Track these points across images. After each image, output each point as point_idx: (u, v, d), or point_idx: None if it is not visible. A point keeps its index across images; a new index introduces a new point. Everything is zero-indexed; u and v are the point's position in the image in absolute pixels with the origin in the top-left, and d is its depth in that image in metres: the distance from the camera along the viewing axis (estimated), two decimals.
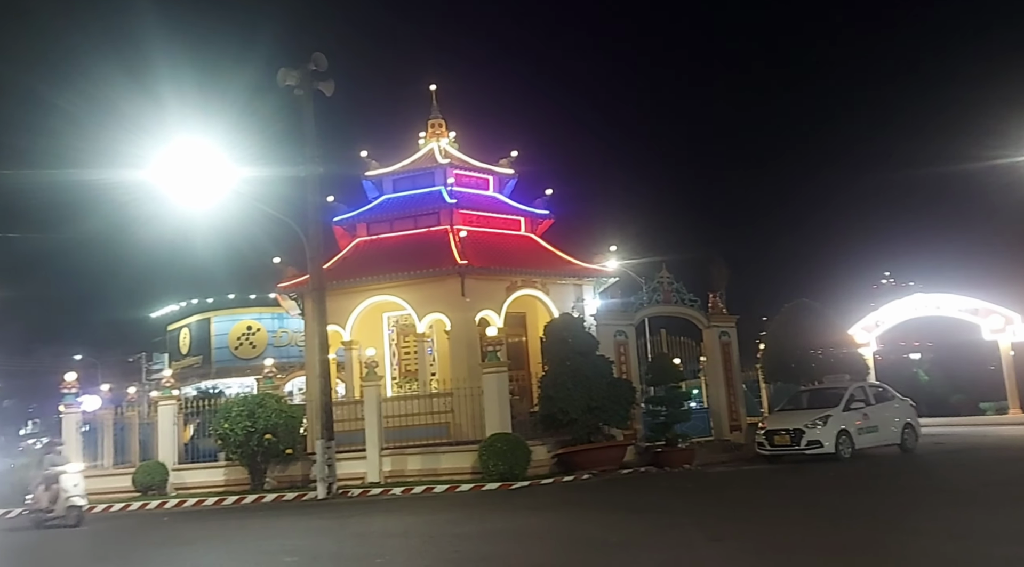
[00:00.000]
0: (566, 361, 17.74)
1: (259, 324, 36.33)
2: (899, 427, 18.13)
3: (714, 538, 9.04)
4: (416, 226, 21.31)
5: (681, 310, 21.98)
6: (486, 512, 12.56)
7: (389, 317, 21.28)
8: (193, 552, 10.79)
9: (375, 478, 17.01)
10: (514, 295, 20.17)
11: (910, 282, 36.86)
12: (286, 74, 17.26)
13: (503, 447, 16.08)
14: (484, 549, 9.32)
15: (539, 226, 22.89)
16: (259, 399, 17.85)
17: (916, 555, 7.51)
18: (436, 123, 23.35)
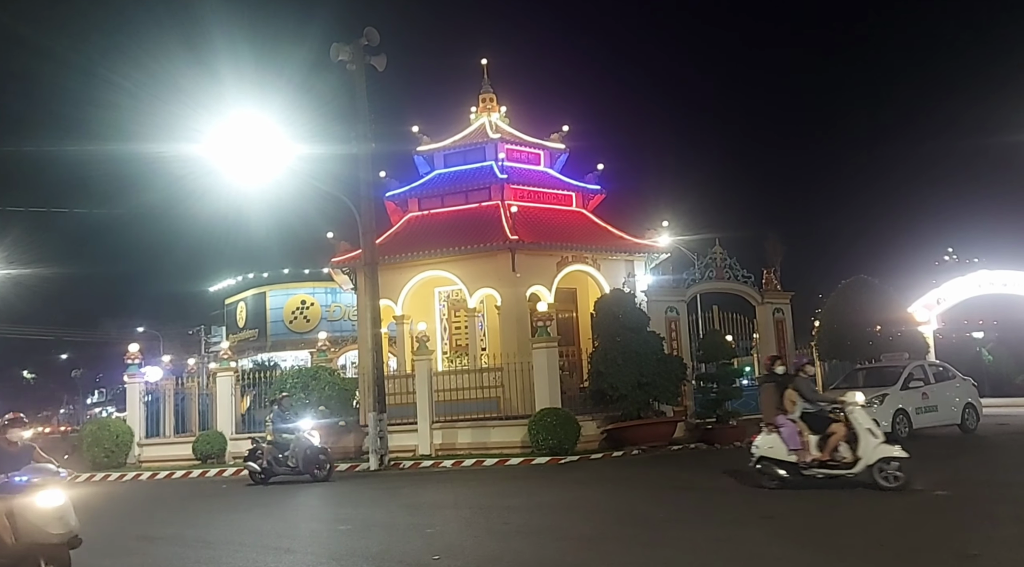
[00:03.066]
0: (616, 337, 17.66)
1: (313, 298, 37.09)
2: (959, 407, 17.60)
3: (765, 516, 8.97)
4: (467, 201, 21.37)
5: (734, 286, 21.64)
6: (535, 485, 12.68)
7: (440, 292, 21.46)
8: (252, 518, 11.17)
9: (426, 451, 17.30)
10: (565, 271, 20.12)
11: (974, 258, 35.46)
12: (339, 49, 17.38)
13: (553, 422, 16.15)
14: (533, 521, 9.42)
15: (590, 201, 22.74)
16: (313, 372, 18.25)
17: (975, 537, 7.33)
18: (487, 97, 23.28)
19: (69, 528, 6.84)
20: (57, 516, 6.75)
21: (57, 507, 6.78)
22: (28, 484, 6.88)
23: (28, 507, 6.72)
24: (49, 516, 6.72)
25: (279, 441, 14.86)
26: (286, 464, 14.68)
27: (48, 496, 6.82)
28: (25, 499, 6.78)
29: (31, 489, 6.87)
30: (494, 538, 8.59)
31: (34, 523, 6.67)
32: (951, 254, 42.75)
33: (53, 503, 6.79)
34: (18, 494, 6.82)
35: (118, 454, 19.42)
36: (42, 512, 6.72)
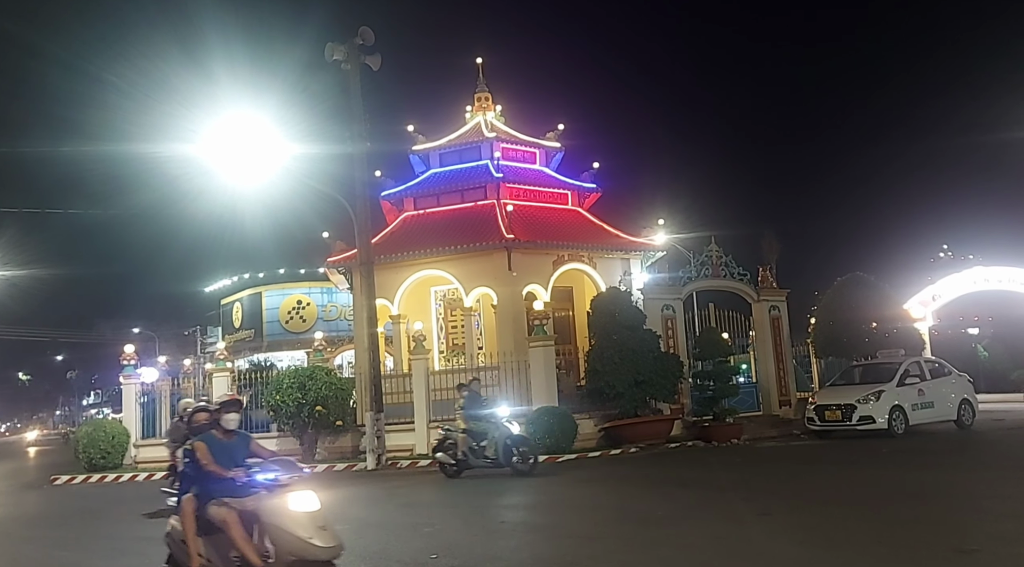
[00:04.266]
0: (613, 335, 17.66)
1: (309, 298, 37.04)
2: (955, 403, 17.67)
3: (762, 512, 8.97)
4: (463, 200, 21.35)
5: (730, 284, 21.66)
6: (534, 484, 12.65)
7: (436, 291, 21.44)
8: None
9: (423, 450, 17.27)
10: (561, 269, 20.12)
11: (969, 255, 35.56)
12: (333, 49, 17.34)
13: (550, 420, 16.15)
14: (531, 519, 9.42)
15: (586, 199, 22.73)
16: (309, 372, 18.22)
17: (972, 532, 7.34)
18: (483, 96, 23.27)
19: (337, 540, 5.51)
20: (318, 524, 5.44)
21: (315, 512, 5.49)
22: (276, 484, 5.58)
23: (280, 513, 5.44)
24: (308, 524, 5.40)
25: (474, 429, 13.48)
26: (483, 455, 13.33)
27: (302, 499, 5.51)
28: (274, 503, 5.50)
29: (280, 491, 5.57)
30: (492, 536, 8.57)
31: (292, 533, 5.36)
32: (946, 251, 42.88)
33: (309, 507, 5.50)
34: (264, 498, 5.57)
35: (114, 455, 19.35)
36: (299, 519, 5.41)
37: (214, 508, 5.76)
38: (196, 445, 5.97)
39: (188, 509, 5.90)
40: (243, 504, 5.70)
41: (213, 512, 5.76)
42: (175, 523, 6.13)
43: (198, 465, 5.91)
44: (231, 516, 5.62)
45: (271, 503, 5.50)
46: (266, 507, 5.51)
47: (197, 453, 5.91)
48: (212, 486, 5.84)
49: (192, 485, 6.04)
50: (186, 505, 5.94)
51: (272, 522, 5.45)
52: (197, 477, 5.95)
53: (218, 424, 6.12)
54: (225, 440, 6.02)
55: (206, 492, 5.88)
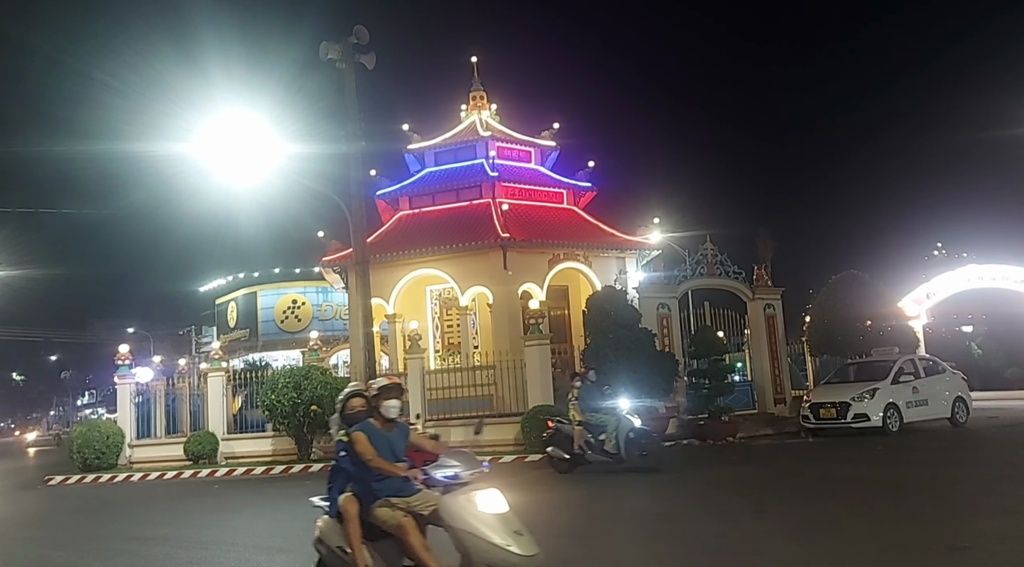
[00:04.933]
0: (608, 334, 17.67)
1: (304, 298, 36.98)
2: (949, 401, 17.71)
3: (758, 510, 8.98)
4: (458, 199, 21.35)
5: (725, 282, 21.70)
6: (530, 483, 12.66)
7: (432, 290, 21.44)
8: (244, 518, 11.12)
9: None
10: (556, 268, 20.14)
11: (963, 253, 35.67)
12: (328, 48, 17.29)
13: (545, 419, 16.12)
14: (527, 518, 9.31)
15: (581, 198, 22.76)
16: (304, 371, 18.20)
17: (966, 529, 7.37)
18: (477, 95, 23.26)
19: (537, 547, 4.75)
20: (513, 528, 4.67)
21: (506, 514, 4.76)
22: (456, 481, 4.87)
23: (468, 516, 4.69)
24: (502, 528, 4.64)
25: (591, 422, 12.78)
26: (602, 449, 12.59)
27: (490, 498, 4.79)
28: (458, 503, 4.78)
29: (461, 489, 4.85)
30: None
31: (486, 539, 4.58)
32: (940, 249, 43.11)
33: (499, 507, 4.78)
34: (444, 498, 4.87)
35: (109, 455, 19.31)
36: (491, 522, 4.65)
37: (383, 510, 5.06)
38: (354, 436, 5.18)
39: (351, 511, 5.13)
40: (409, 504, 5.04)
41: (382, 515, 5.06)
42: (325, 526, 5.43)
43: (356, 459, 5.17)
44: (407, 520, 4.90)
45: (455, 504, 4.74)
46: (450, 508, 4.74)
47: (357, 446, 5.13)
48: (375, 484, 5.14)
49: (349, 483, 5.32)
50: (347, 506, 5.17)
51: (459, 526, 4.66)
52: (357, 473, 5.22)
53: (377, 412, 5.33)
54: (384, 431, 5.26)
55: (367, 491, 5.17)
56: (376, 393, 5.34)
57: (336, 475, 5.49)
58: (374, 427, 5.27)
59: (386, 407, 5.31)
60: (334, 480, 5.51)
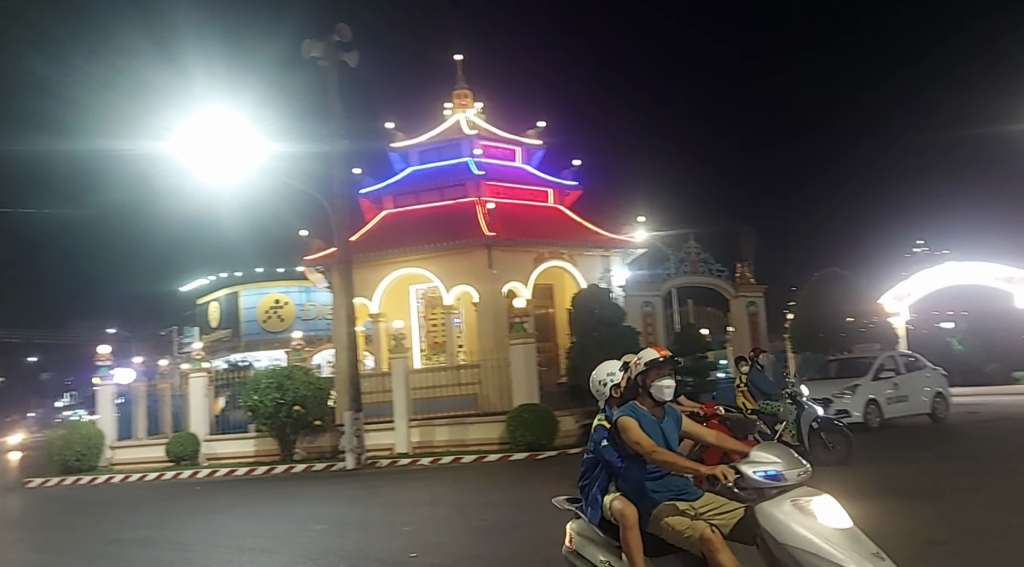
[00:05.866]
0: (593, 332, 17.71)
1: (287, 298, 36.77)
2: (930, 397, 17.87)
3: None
4: (443, 198, 21.29)
5: (709, 280, 21.82)
6: (514, 481, 12.68)
7: (416, 289, 21.38)
8: (226, 519, 11.04)
9: (403, 449, 17.22)
10: (541, 267, 20.13)
11: (944, 250, 36.05)
12: (310, 46, 17.21)
13: (530, 418, 16.16)
14: (511, 517, 9.41)
15: (567, 197, 22.76)
16: (287, 371, 18.10)
17: (945, 523, 7.44)
18: (462, 94, 23.20)
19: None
20: (871, 550, 3.59)
21: (851, 529, 3.67)
22: (779, 483, 3.74)
23: (802, 530, 3.58)
24: (856, 549, 3.55)
25: (765, 411, 11.63)
26: (780, 440, 10.96)
27: (828, 508, 3.71)
28: (784, 513, 3.65)
29: (784, 495, 3.73)
30: (472, 534, 8.56)
31: (835, 563, 3.47)
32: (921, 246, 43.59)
33: (842, 521, 3.69)
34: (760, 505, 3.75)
35: (89, 457, 19.12)
36: (839, 542, 3.54)
37: (677, 519, 4.03)
38: (622, 422, 4.21)
39: (630, 518, 4.09)
40: (697, 511, 4.08)
41: (676, 525, 3.99)
42: (582, 534, 4.46)
43: (625, 452, 4.24)
44: (715, 535, 3.83)
45: (781, 513, 3.62)
46: (774, 519, 3.62)
47: (627, 434, 4.17)
48: (650, 483, 4.20)
49: (611, 480, 4.38)
50: (625, 512, 4.12)
51: (796, 545, 3.52)
52: (626, 470, 4.25)
53: (646, 393, 4.31)
54: (654, 416, 4.29)
55: (641, 493, 4.19)
56: (644, 369, 4.29)
57: (593, 470, 4.46)
58: (643, 411, 4.28)
59: (658, 387, 4.26)
60: (589, 476, 4.48)
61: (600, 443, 4.40)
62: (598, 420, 4.52)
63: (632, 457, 4.23)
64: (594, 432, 4.50)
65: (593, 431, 4.52)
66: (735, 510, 4.03)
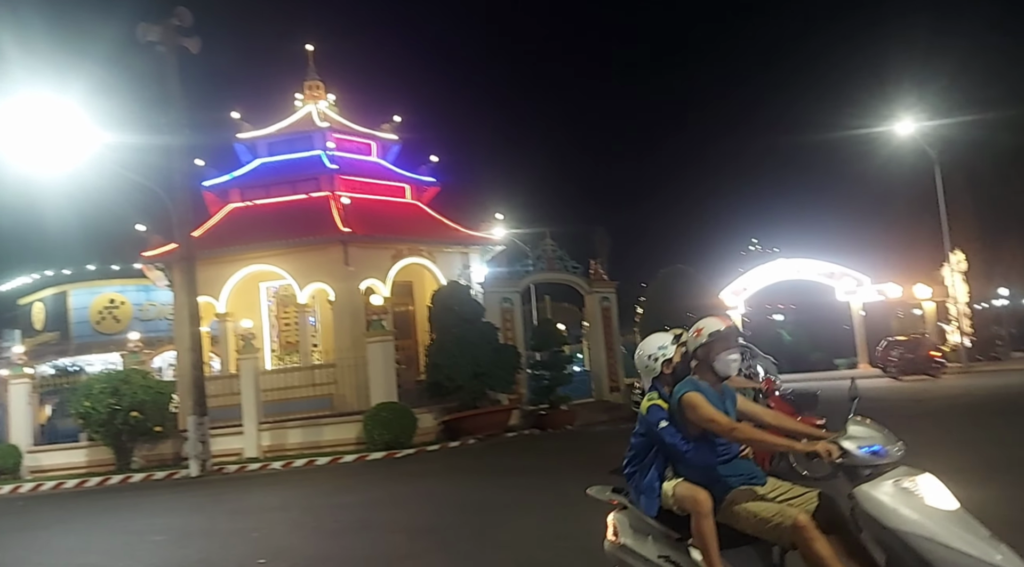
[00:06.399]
0: (452, 329, 17.74)
1: (123, 297, 34.17)
2: None
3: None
4: (294, 192, 20.57)
5: (564, 277, 22.43)
6: (370, 481, 12.46)
7: (267, 287, 20.55)
8: (51, 535, 10.10)
9: (253, 453, 16.49)
10: (400, 263, 19.90)
11: (775, 248, 38.99)
12: (147, 29, 16.10)
13: (388, 416, 15.95)
14: (366, 516, 9.24)
15: (424, 193, 22.63)
16: (124, 375, 16.86)
17: None
18: (313, 85, 22.51)
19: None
20: (982, 533, 3.17)
21: (959, 511, 3.25)
22: (881, 459, 3.37)
23: (912, 512, 3.20)
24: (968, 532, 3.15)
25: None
26: None
27: (933, 487, 3.30)
28: (888, 493, 3.27)
29: (882, 475, 3.34)
30: (325, 537, 8.32)
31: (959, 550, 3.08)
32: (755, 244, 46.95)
33: (948, 502, 3.27)
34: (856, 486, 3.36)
35: None
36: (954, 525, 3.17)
37: (760, 505, 3.62)
38: (689, 399, 3.79)
39: (704, 505, 3.65)
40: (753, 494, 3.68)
41: (761, 511, 3.58)
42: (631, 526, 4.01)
43: (689, 432, 3.82)
44: (811, 522, 3.42)
45: (884, 494, 3.26)
46: (878, 502, 3.26)
47: (696, 412, 3.75)
48: (723, 466, 3.81)
49: (676, 466, 3.92)
50: (699, 498, 3.68)
51: (906, 529, 3.18)
52: (693, 452, 3.81)
53: (707, 368, 3.91)
54: (715, 391, 3.90)
55: (712, 477, 3.78)
56: (706, 341, 3.88)
57: (644, 456, 4.03)
58: (705, 386, 3.88)
59: (724, 361, 3.87)
60: (640, 463, 4.03)
61: (657, 425, 3.92)
62: (649, 400, 4.04)
63: (699, 438, 3.80)
64: (646, 413, 4.00)
65: (645, 412, 4.01)
66: (806, 495, 3.66)
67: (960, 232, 33.17)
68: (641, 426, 4.10)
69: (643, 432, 4.07)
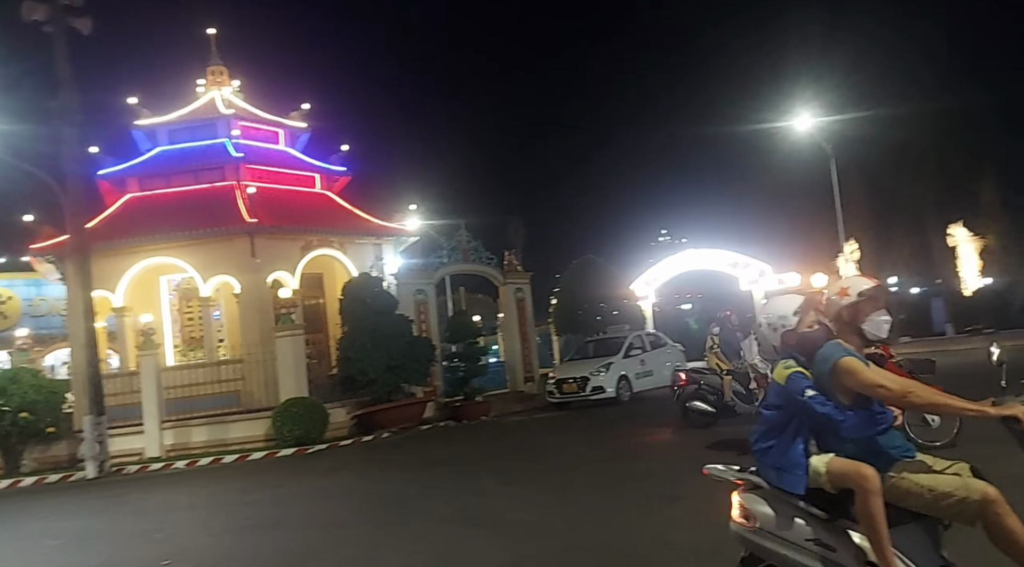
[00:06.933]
0: (365, 321, 17.48)
1: (10, 291, 32.05)
2: (670, 370, 19.90)
3: (505, 482, 9.45)
4: (197, 181, 19.77)
5: (479, 268, 22.45)
6: (280, 478, 12.18)
7: (169, 280, 19.73)
8: None
9: (155, 453, 15.83)
10: (310, 255, 19.42)
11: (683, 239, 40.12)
12: (32, 8, 15.11)
13: (299, 412, 15.61)
14: (277, 513, 9.03)
15: (335, 183, 22.16)
16: (11, 374, 15.86)
17: (680, 483, 8.32)
18: (217, 70, 21.67)
19: None
20: None
21: None
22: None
23: None
24: None
25: (739, 370, 11.75)
26: (754, 398, 11.29)
27: None
28: None
29: None
30: (232, 535, 8.09)
31: None
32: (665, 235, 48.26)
33: None
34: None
35: None
36: None
37: (932, 479, 3.31)
38: (846, 364, 3.41)
39: (872, 481, 3.28)
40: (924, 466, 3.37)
41: (939, 485, 3.27)
42: (769, 505, 3.53)
43: (841, 400, 3.45)
44: (999, 496, 3.17)
45: None
46: None
47: (859, 378, 3.38)
48: (884, 438, 3.48)
49: (826, 439, 3.57)
50: (864, 474, 3.30)
51: None
52: (850, 422, 3.44)
53: (853, 330, 3.56)
54: (861, 357, 3.53)
55: (872, 450, 3.43)
56: (854, 301, 3.54)
57: (782, 429, 3.62)
58: (852, 350, 3.50)
59: (875, 322, 3.53)
60: (777, 436, 3.62)
61: (803, 394, 3.49)
62: (787, 368, 3.61)
63: (855, 407, 3.45)
64: (785, 383, 3.57)
65: (784, 382, 3.59)
66: (956, 465, 3.40)
67: (854, 223, 35.05)
68: (777, 397, 3.66)
69: (779, 403, 3.64)
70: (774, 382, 3.68)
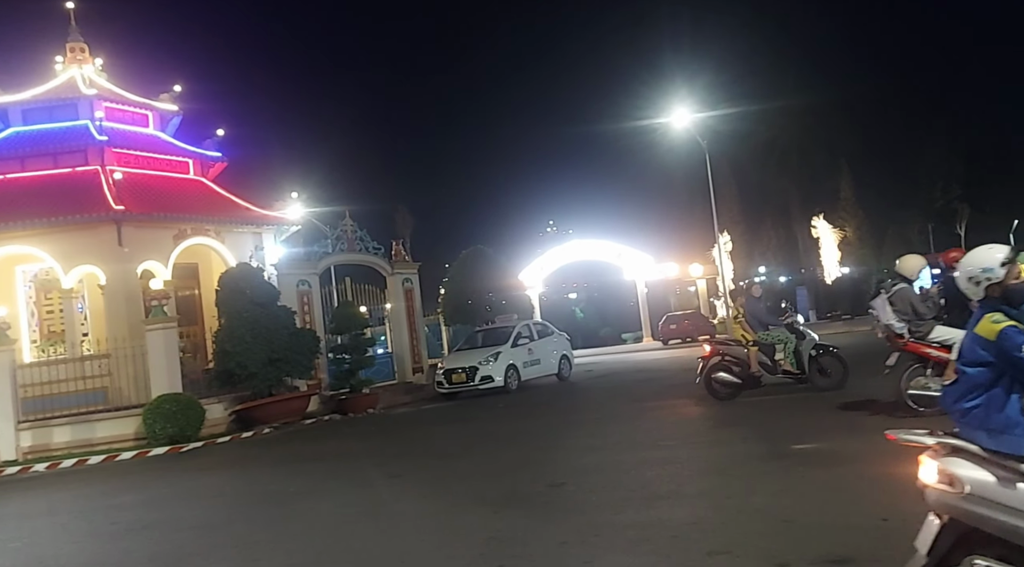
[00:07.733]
0: (244, 313, 16.82)
1: None
2: (557, 359, 20.34)
3: (392, 475, 9.36)
4: (56, 165, 18.41)
5: (365, 258, 22.07)
6: (151, 478, 11.57)
7: (24, 271, 18.31)
8: None
9: (11, 456, 14.67)
10: (183, 244, 18.48)
11: (570, 230, 40.85)
12: None
13: (172, 408, 14.85)
14: (147, 516, 8.57)
15: (210, 169, 21.16)
16: None
17: (562, 468, 8.54)
18: (77, 47, 20.18)
19: None
20: None
21: None
22: None
23: None
24: None
25: (765, 341, 11.73)
26: (780, 370, 11.63)
27: None
28: None
29: None
30: (99, 540, 7.61)
31: None
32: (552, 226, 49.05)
33: None
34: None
35: None
36: None
37: None
38: None
39: None
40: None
41: None
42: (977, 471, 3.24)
43: None
44: None
45: None
46: None
47: None
48: None
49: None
50: None
51: None
52: None
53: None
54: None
55: None
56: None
57: (990, 388, 3.40)
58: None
59: None
60: (984, 395, 3.40)
61: (1020, 349, 3.27)
62: (996, 322, 3.38)
63: None
64: (996, 338, 3.34)
65: (994, 337, 3.36)
66: None
67: (727, 215, 36.84)
68: (983, 353, 3.42)
69: (981, 361, 3.42)
70: (975, 337, 3.44)
